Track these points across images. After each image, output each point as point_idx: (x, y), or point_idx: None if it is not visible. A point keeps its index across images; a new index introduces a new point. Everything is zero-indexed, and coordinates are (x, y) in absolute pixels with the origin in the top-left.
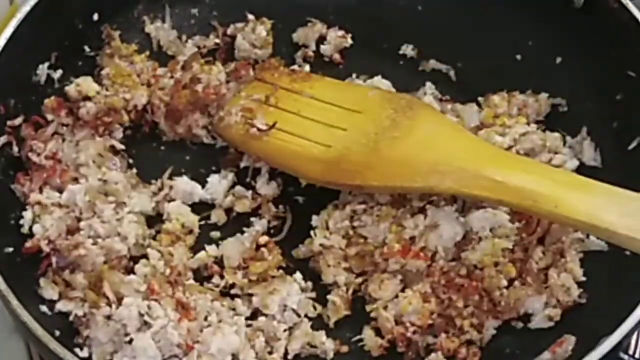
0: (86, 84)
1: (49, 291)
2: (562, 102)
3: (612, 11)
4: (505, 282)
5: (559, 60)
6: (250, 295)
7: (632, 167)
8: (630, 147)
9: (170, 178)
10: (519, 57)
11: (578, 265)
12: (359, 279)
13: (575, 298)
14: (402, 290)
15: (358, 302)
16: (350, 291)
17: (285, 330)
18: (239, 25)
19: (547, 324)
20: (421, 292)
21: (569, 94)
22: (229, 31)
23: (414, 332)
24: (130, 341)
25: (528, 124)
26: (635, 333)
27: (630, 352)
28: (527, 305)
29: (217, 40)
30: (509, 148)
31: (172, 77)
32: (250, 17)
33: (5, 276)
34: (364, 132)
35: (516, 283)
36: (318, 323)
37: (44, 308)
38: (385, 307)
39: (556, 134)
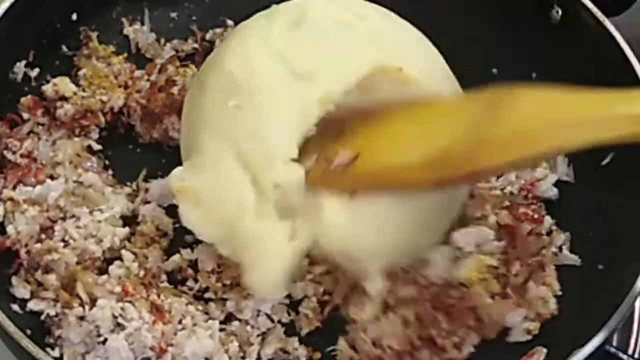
0: (63, 84)
1: (21, 290)
2: None
3: (588, 28)
4: (489, 300)
5: (534, 75)
6: (224, 299)
7: (606, 182)
8: (604, 162)
9: (145, 180)
10: (495, 71)
11: (555, 279)
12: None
13: (553, 310)
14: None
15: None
16: (327, 309)
17: (258, 336)
18: (218, 30)
19: (525, 338)
20: (404, 317)
21: None
22: (207, 36)
23: (392, 356)
24: (104, 342)
25: None
26: (635, 333)
27: (630, 351)
28: (507, 319)
29: (196, 45)
30: None
31: (148, 79)
32: (230, 22)
33: None
34: (461, 123)
35: (497, 298)
36: (291, 329)
37: (15, 307)
38: (364, 330)
39: None
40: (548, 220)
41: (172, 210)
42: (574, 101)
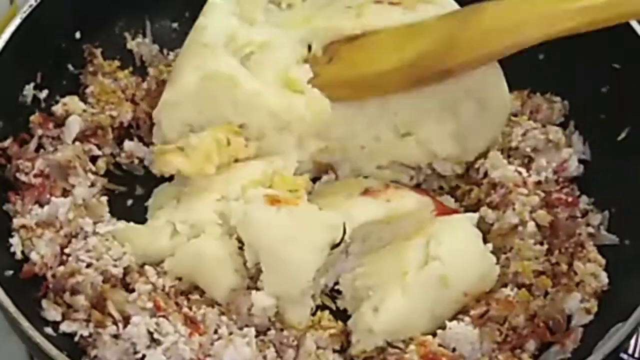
0: (72, 102)
1: (52, 312)
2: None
3: None
4: (543, 299)
5: (541, 56)
6: None
7: (623, 157)
8: (620, 137)
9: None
10: None
11: (598, 254)
12: None
13: (605, 283)
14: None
15: None
16: None
17: (294, 340)
18: None
19: (587, 319)
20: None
21: (554, 90)
22: None
23: None
24: (142, 358)
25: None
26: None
27: (630, 351)
28: (566, 307)
29: None
30: (516, 149)
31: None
32: None
33: (13, 299)
34: (434, 33)
35: (550, 292)
36: None
37: (48, 330)
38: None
39: (555, 127)
40: (584, 200)
41: None
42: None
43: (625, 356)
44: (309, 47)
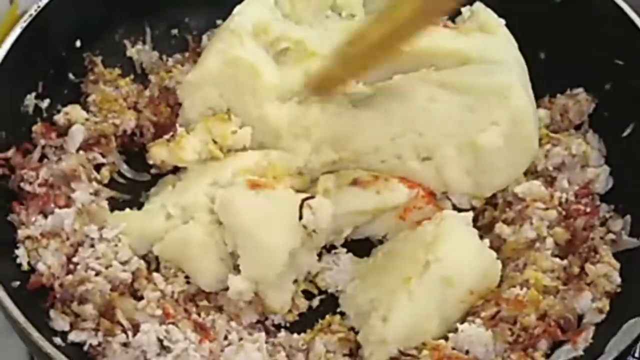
0: (75, 112)
1: (60, 322)
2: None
3: (593, 2)
4: (553, 298)
5: (542, 55)
6: None
7: (630, 153)
8: (625, 134)
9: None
10: None
11: (611, 257)
12: None
13: (617, 284)
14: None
15: None
16: None
17: (303, 345)
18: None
19: (599, 318)
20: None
21: (556, 88)
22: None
23: None
24: None
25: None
26: None
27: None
28: (577, 306)
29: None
30: (542, 170)
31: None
32: None
33: (22, 310)
34: None
35: (561, 291)
36: None
37: (57, 340)
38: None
39: (578, 140)
40: (604, 208)
41: None
42: None
43: None
44: None
